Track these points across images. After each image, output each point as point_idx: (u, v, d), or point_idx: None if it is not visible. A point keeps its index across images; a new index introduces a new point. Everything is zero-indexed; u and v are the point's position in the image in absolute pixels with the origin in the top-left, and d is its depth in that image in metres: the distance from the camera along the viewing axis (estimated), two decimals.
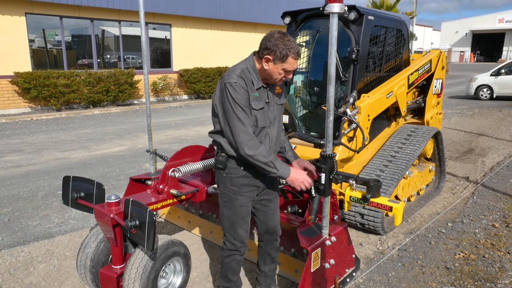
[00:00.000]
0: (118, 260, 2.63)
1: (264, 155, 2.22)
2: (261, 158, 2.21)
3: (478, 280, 3.09)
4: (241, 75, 2.22)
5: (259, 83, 2.28)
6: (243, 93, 2.19)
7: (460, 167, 6.32)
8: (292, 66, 2.23)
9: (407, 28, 4.68)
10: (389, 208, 2.61)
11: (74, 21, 13.00)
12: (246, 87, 2.21)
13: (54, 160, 6.79)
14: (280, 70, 2.23)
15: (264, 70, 2.25)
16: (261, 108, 2.28)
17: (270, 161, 2.23)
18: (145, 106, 3.74)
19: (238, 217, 2.42)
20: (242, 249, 2.51)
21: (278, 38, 2.18)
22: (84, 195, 2.83)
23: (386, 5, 21.32)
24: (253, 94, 2.24)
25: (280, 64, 2.20)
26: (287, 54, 2.17)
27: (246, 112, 2.20)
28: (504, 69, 15.14)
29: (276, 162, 2.26)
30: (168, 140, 8.31)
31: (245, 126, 2.19)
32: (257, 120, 2.27)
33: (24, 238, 3.91)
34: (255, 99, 2.25)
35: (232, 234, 2.46)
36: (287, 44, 2.17)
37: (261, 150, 2.22)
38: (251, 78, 2.25)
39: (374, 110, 3.95)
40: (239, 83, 2.19)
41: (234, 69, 2.26)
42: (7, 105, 11.47)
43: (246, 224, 2.48)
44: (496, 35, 58.33)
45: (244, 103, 2.19)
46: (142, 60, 4.47)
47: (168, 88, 15.16)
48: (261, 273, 2.75)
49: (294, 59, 2.22)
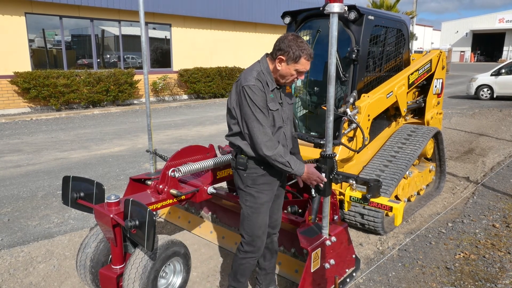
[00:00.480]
0: (118, 260, 2.63)
1: (282, 155, 2.30)
2: (279, 158, 2.29)
3: (479, 280, 3.09)
4: (258, 78, 2.29)
5: (273, 84, 2.35)
6: (261, 95, 2.27)
7: (461, 167, 6.31)
8: (305, 67, 2.30)
9: (407, 28, 4.67)
10: (389, 208, 2.61)
11: (74, 21, 13.00)
12: (263, 89, 2.28)
13: (54, 160, 6.78)
14: (293, 71, 2.30)
15: (277, 71, 2.32)
16: (277, 109, 2.35)
17: (287, 161, 2.32)
18: (145, 106, 3.73)
19: (259, 216, 2.45)
20: (258, 252, 2.53)
21: (292, 40, 2.26)
22: (84, 195, 2.83)
23: (386, 5, 21.34)
24: (269, 96, 2.31)
25: (292, 65, 2.27)
26: (300, 55, 2.25)
27: (264, 113, 2.27)
28: (504, 69, 15.13)
29: (292, 161, 2.34)
30: (168, 140, 8.31)
31: (263, 127, 2.26)
32: (274, 120, 2.34)
33: (24, 238, 3.91)
34: (271, 100, 2.32)
35: (251, 235, 2.48)
36: (300, 46, 2.25)
37: (279, 150, 2.29)
38: (266, 80, 2.32)
39: (374, 110, 3.95)
40: (257, 86, 2.25)
41: (250, 72, 2.32)
42: (7, 105, 11.46)
43: (265, 226, 2.50)
44: (496, 35, 58.34)
45: (262, 104, 2.27)
46: (142, 60, 4.47)
47: (168, 88, 15.15)
48: (261, 271, 2.76)
49: (307, 60, 2.28)
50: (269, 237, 2.68)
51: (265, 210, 2.48)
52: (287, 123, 2.47)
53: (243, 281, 2.59)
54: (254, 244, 2.49)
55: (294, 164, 2.36)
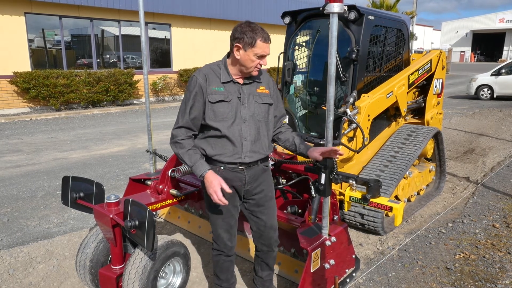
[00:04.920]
0: (117, 260, 2.62)
1: (179, 147, 2.29)
2: (175, 148, 2.31)
3: (479, 280, 3.09)
4: (208, 70, 2.32)
5: (228, 77, 2.30)
6: (194, 86, 2.27)
7: (461, 167, 6.31)
8: (263, 50, 2.22)
9: (407, 28, 4.67)
10: (389, 208, 2.60)
11: (73, 21, 13.00)
12: (206, 80, 2.27)
13: (54, 160, 6.78)
14: (252, 57, 2.22)
15: (237, 61, 2.26)
16: (220, 101, 2.26)
17: (180, 154, 2.29)
18: (145, 106, 3.73)
19: (218, 216, 2.44)
20: (225, 251, 2.52)
21: (245, 26, 2.22)
22: (84, 195, 2.82)
23: (386, 5, 21.33)
24: (211, 88, 2.26)
25: (250, 50, 2.21)
26: (255, 37, 2.19)
27: (187, 105, 2.28)
28: (504, 69, 15.13)
29: (187, 157, 2.27)
30: (168, 140, 8.28)
31: (178, 118, 2.33)
32: (215, 114, 2.27)
33: (23, 239, 3.90)
34: (213, 93, 2.26)
35: (215, 233, 2.50)
36: (254, 29, 2.20)
37: (179, 142, 2.30)
38: (219, 72, 2.31)
39: (374, 110, 3.94)
40: (196, 76, 2.28)
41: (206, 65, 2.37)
42: (6, 105, 11.46)
43: (227, 225, 2.46)
44: (496, 35, 58.34)
45: (188, 96, 2.28)
46: (141, 60, 4.46)
47: (168, 88, 15.15)
48: (258, 278, 2.75)
49: (263, 42, 2.22)
50: (265, 254, 2.65)
51: (224, 211, 2.41)
52: (247, 120, 2.31)
53: (223, 278, 2.60)
54: (219, 242, 2.50)
55: (189, 161, 2.25)
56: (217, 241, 2.51)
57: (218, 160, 2.33)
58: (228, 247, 2.51)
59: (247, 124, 2.32)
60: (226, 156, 2.32)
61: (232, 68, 2.32)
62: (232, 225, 2.49)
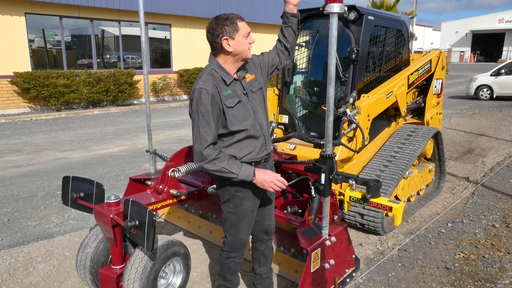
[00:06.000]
0: (117, 260, 2.63)
1: (214, 163, 2.15)
2: (210, 166, 2.16)
3: (478, 280, 3.09)
4: (208, 78, 2.19)
5: (229, 77, 2.26)
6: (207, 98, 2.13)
7: (460, 167, 6.31)
8: (246, 28, 2.25)
9: (407, 28, 4.68)
10: (389, 208, 2.60)
11: (73, 21, 13.00)
12: (215, 89, 2.16)
13: (54, 160, 6.78)
14: (242, 39, 2.23)
15: (230, 53, 2.24)
16: (238, 101, 2.24)
17: (223, 167, 2.15)
18: (145, 106, 3.73)
19: (243, 220, 2.40)
20: (241, 253, 2.51)
21: (216, 21, 2.23)
22: (84, 195, 2.82)
23: (386, 5, 21.32)
24: (223, 94, 2.20)
25: (237, 34, 2.21)
26: (234, 21, 2.22)
27: (207, 121, 2.14)
28: (504, 69, 15.13)
29: (231, 167, 2.16)
30: (168, 140, 8.31)
31: (200, 136, 2.15)
32: (235, 117, 2.22)
33: (24, 238, 3.90)
34: (228, 97, 2.21)
35: (234, 237, 2.44)
36: (227, 18, 2.22)
37: (211, 159, 2.14)
38: (220, 76, 2.24)
39: (374, 110, 3.95)
40: (204, 89, 2.14)
41: (201, 75, 2.24)
42: (7, 105, 11.46)
43: (248, 228, 2.47)
44: (496, 35, 58.35)
45: (206, 110, 2.13)
46: (141, 60, 4.46)
47: (168, 88, 15.15)
48: (257, 276, 2.73)
49: (241, 20, 2.26)
50: (264, 243, 2.65)
51: (250, 215, 2.41)
52: (258, 111, 2.33)
53: (231, 278, 2.58)
54: (236, 245, 2.46)
55: (236, 168, 2.16)
56: (235, 245, 2.45)
57: (246, 161, 2.30)
58: (245, 248, 2.51)
59: (259, 115, 2.34)
60: (255, 153, 2.32)
61: (227, 66, 2.28)
62: (251, 226, 2.51)
